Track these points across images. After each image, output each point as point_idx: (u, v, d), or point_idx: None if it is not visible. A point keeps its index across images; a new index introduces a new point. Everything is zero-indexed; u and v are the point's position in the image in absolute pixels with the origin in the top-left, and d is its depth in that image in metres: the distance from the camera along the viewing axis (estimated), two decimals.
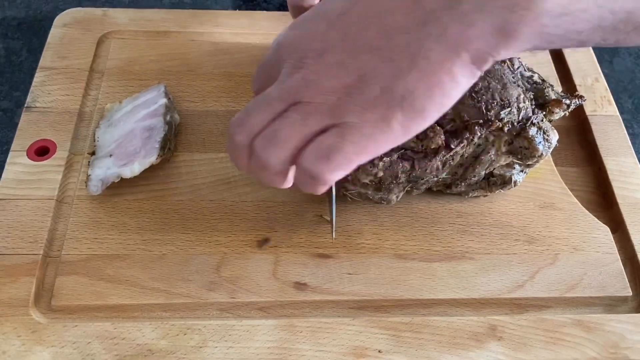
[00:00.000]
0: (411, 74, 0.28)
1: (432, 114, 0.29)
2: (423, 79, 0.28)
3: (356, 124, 0.29)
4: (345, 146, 0.29)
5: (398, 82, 0.28)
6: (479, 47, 0.27)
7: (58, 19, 0.58)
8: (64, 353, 0.39)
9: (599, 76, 0.58)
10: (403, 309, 0.43)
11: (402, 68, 0.28)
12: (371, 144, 0.29)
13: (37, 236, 0.44)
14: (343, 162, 0.30)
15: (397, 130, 0.29)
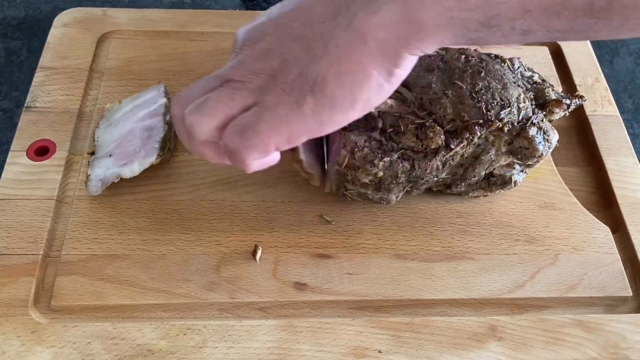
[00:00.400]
0: (323, 60, 0.29)
1: (344, 104, 0.30)
2: (333, 66, 0.29)
3: (273, 105, 0.31)
4: (259, 125, 0.31)
5: (312, 68, 0.29)
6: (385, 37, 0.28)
7: (58, 19, 0.58)
8: (63, 353, 0.39)
9: (599, 76, 0.58)
10: (403, 309, 0.43)
11: (316, 55, 0.29)
12: (284, 126, 0.31)
13: (37, 236, 0.44)
14: (256, 140, 0.31)
15: (308, 115, 0.30)
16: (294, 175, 0.49)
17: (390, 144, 0.42)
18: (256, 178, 0.49)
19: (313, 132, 0.31)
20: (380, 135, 0.42)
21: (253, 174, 0.49)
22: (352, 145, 0.41)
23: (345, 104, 0.30)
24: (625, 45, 0.68)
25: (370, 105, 0.31)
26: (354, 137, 0.42)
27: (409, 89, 0.44)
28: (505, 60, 0.46)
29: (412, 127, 0.42)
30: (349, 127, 0.42)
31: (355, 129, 0.42)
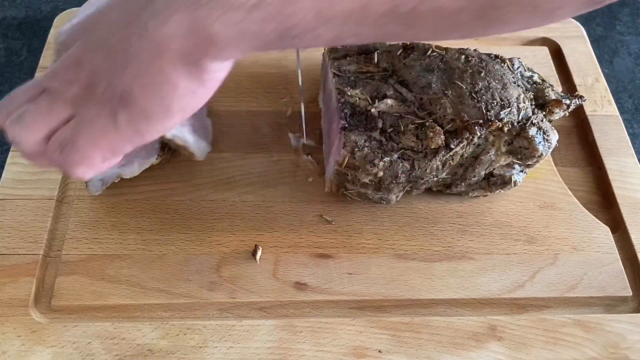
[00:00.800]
0: (126, 72, 0.27)
1: (158, 114, 0.28)
2: (137, 78, 0.27)
3: (89, 118, 0.29)
4: (78, 140, 0.29)
5: (118, 79, 0.28)
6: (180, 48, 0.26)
7: (58, 19, 0.58)
8: (64, 353, 0.39)
9: (599, 76, 0.58)
10: (403, 309, 0.43)
11: (119, 66, 0.28)
12: (103, 140, 0.29)
13: (37, 236, 0.44)
14: (77, 156, 0.30)
15: (126, 129, 0.29)
16: (294, 175, 0.49)
17: (390, 144, 0.42)
18: (256, 178, 0.49)
19: (135, 142, 0.30)
20: (380, 135, 0.42)
21: (254, 174, 0.49)
22: (352, 145, 0.41)
23: (159, 114, 0.28)
24: (625, 45, 0.68)
25: (190, 110, 0.29)
26: (354, 136, 0.42)
27: (409, 89, 0.44)
28: (505, 60, 0.46)
29: (412, 127, 0.42)
30: (349, 127, 0.42)
31: (356, 129, 0.42)
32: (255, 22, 0.25)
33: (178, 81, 0.27)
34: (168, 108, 0.28)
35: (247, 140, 0.51)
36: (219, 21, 0.25)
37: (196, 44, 0.26)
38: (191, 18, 0.25)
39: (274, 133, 0.52)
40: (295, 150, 0.51)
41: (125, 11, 0.28)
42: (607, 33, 0.69)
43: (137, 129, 0.29)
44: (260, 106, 0.54)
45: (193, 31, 0.26)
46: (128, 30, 0.27)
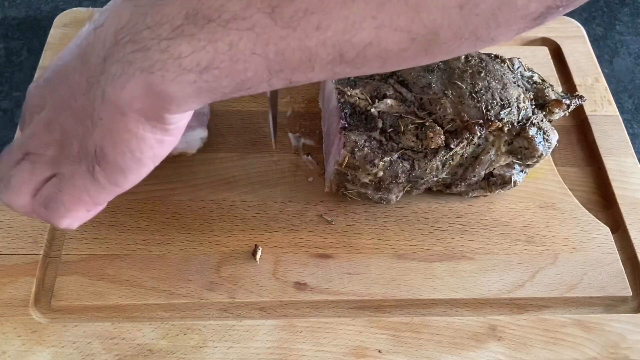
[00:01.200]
0: (95, 132, 0.29)
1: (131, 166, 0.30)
2: (106, 138, 0.28)
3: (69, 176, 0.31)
4: (60, 197, 0.31)
5: (88, 139, 0.29)
6: (141, 107, 0.27)
7: (58, 19, 0.58)
8: (64, 353, 0.39)
9: (599, 76, 0.58)
10: (403, 309, 0.43)
11: (87, 127, 0.29)
12: (85, 195, 0.31)
13: (38, 236, 0.44)
14: (62, 210, 0.32)
15: (104, 183, 0.30)
16: (294, 175, 0.49)
17: (390, 144, 0.42)
18: (256, 178, 0.49)
19: (114, 192, 0.31)
20: (380, 135, 0.42)
21: (254, 174, 0.49)
22: (352, 144, 0.41)
23: (132, 166, 0.30)
24: (625, 45, 0.68)
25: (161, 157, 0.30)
26: (354, 136, 0.42)
27: (408, 89, 0.44)
28: (505, 60, 0.46)
29: (412, 127, 0.42)
30: (349, 127, 0.42)
31: (356, 129, 0.42)
32: (208, 80, 0.26)
33: (144, 135, 0.28)
34: (140, 160, 0.29)
35: (247, 140, 0.51)
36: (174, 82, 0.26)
37: (156, 103, 0.27)
38: (146, 83, 0.26)
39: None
40: (295, 150, 0.51)
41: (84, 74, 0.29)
42: (607, 33, 0.69)
43: (115, 182, 0.30)
44: (260, 106, 0.54)
45: (150, 94, 0.27)
46: (90, 95, 0.28)
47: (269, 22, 0.25)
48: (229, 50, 0.25)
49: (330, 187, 0.46)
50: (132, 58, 0.26)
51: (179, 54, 0.25)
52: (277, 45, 0.25)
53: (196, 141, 0.45)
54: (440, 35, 0.25)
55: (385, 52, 0.26)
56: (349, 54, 0.26)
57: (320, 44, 0.25)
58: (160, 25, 0.26)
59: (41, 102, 0.31)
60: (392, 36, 0.25)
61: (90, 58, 0.28)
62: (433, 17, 0.24)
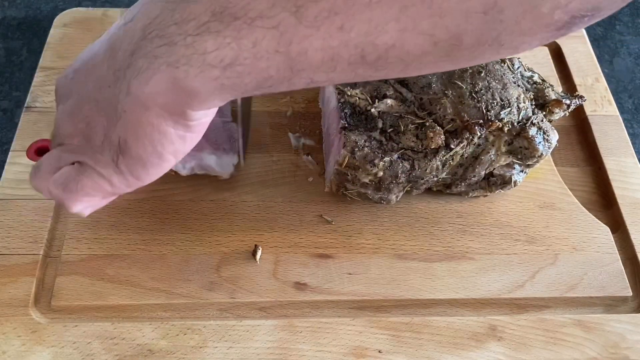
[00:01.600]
0: (119, 125, 0.29)
1: (153, 160, 0.30)
2: (129, 130, 0.29)
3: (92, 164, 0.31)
4: (82, 180, 0.32)
5: (112, 131, 0.30)
6: (164, 102, 0.28)
7: (58, 19, 0.58)
8: (64, 353, 0.39)
9: (599, 76, 0.58)
10: (403, 309, 0.43)
11: (112, 119, 0.30)
12: (106, 184, 0.32)
13: (38, 236, 0.44)
14: (80, 194, 0.32)
15: (126, 174, 0.31)
16: (294, 175, 0.49)
17: (390, 144, 0.42)
18: (256, 178, 0.49)
19: (135, 185, 0.32)
20: (381, 135, 0.42)
21: (254, 174, 0.49)
22: (353, 144, 0.41)
23: (154, 160, 0.30)
24: (625, 45, 0.68)
25: (182, 153, 0.31)
26: (354, 136, 0.42)
27: (409, 89, 0.44)
28: (505, 60, 0.46)
29: (412, 127, 0.42)
30: (349, 127, 0.42)
31: (356, 129, 0.42)
32: (231, 77, 0.27)
33: (167, 130, 0.29)
34: (161, 154, 0.30)
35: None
36: (198, 78, 0.27)
37: (179, 98, 0.28)
38: (171, 77, 0.27)
39: (274, 133, 0.52)
40: (295, 150, 0.51)
41: (112, 67, 0.29)
42: (607, 33, 0.69)
43: (136, 174, 0.31)
44: (260, 106, 0.54)
45: (174, 89, 0.27)
46: (115, 87, 0.29)
47: (293, 21, 0.25)
48: (253, 48, 0.26)
49: (330, 187, 0.46)
50: (158, 53, 0.27)
51: (204, 50, 0.26)
52: (300, 45, 0.26)
53: (229, 166, 0.46)
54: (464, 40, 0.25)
55: (408, 56, 0.26)
56: (371, 56, 0.26)
57: (342, 44, 0.25)
58: (187, 22, 0.26)
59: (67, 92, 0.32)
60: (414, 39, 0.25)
61: (118, 52, 0.29)
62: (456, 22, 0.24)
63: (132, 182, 0.32)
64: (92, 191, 0.32)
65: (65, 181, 0.32)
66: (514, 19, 0.25)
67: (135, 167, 0.31)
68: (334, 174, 0.44)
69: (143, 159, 0.30)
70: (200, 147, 0.44)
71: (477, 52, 0.26)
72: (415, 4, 0.24)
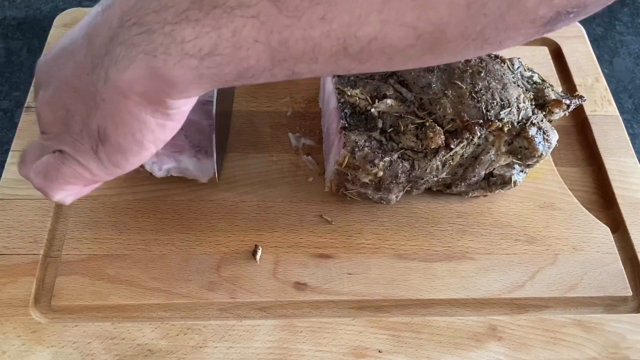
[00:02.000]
0: (98, 113, 0.29)
1: (132, 149, 0.30)
2: (108, 118, 0.29)
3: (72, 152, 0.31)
4: (62, 169, 0.32)
5: (91, 119, 0.29)
6: (143, 90, 0.27)
7: (58, 19, 0.58)
8: (64, 353, 0.39)
9: (599, 76, 0.58)
10: (403, 309, 0.43)
11: (90, 107, 0.29)
12: (86, 172, 0.31)
13: (37, 236, 0.44)
14: (61, 183, 0.32)
15: (105, 162, 0.31)
16: (294, 175, 0.49)
17: (390, 144, 0.42)
18: (256, 178, 0.49)
19: (115, 173, 0.32)
20: (381, 135, 0.42)
21: (254, 174, 0.49)
22: (353, 144, 0.41)
23: (133, 148, 0.30)
24: (625, 45, 0.68)
25: (162, 142, 0.31)
26: (354, 136, 0.42)
27: (408, 89, 0.44)
28: (505, 60, 0.46)
29: (412, 127, 0.42)
30: (349, 127, 0.42)
31: (356, 129, 0.42)
32: (210, 67, 0.26)
33: (146, 118, 0.29)
34: (141, 142, 0.30)
35: (247, 140, 0.51)
36: (176, 67, 0.26)
37: (157, 87, 0.27)
38: (149, 66, 0.26)
39: (274, 133, 0.52)
40: (295, 150, 0.51)
41: (90, 54, 0.29)
42: (607, 33, 0.69)
43: (116, 162, 0.31)
44: (260, 106, 0.54)
45: (152, 77, 0.27)
46: (93, 75, 0.28)
47: (274, 11, 0.25)
48: (232, 37, 0.25)
49: (330, 187, 0.46)
50: (136, 41, 0.26)
51: (182, 39, 0.26)
52: (280, 34, 0.25)
53: (209, 170, 0.45)
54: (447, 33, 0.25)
55: (390, 48, 0.26)
56: (353, 48, 0.26)
57: (324, 35, 0.25)
58: (166, 9, 0.26)
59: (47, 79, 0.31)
60: (397, 32, 0.25)
61: (96, 39, 0.28)
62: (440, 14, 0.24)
63: (112, 169, 0.31)
64: (72, 179, 0.32)
65: (46, 169, 0.32)
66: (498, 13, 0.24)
67: (114, 155, 0.30)
68: (334, 174, 0.44)
69: (123, 148, 0.30)
70: (181, 149, 0.44)
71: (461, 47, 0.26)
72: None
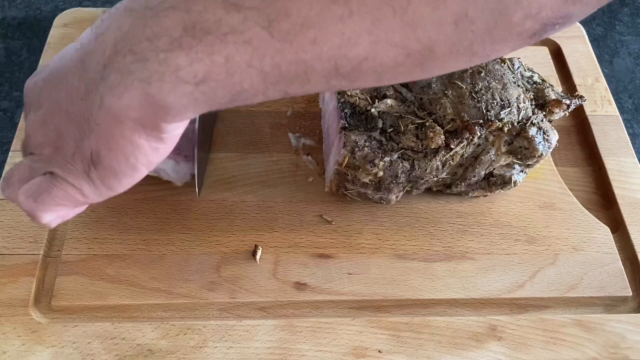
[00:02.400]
0: (91, 136, 0.29)
1: (125, 172, 0.30)
2: (102, 142, 0.29)
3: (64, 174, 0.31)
4: (53, 191, 0.32)
5: (84, 143, 0.30)
6: (138, 116, 0.28)
7: (58, 19, 0.58)
8: (64, 353, 0.39)
9: (599, 76, 0.58)
10: (403, 309, 0.43)
11: (84, 130, 0.29)
12: (78, 194, 0.31)
13: (37, 236, 0.44)
14: (52, 205, 0.32)
15: (98, 184, 0.31)
16: (294, 175, 0.49)
17: (391, 144, 0.42)
18: (256, 178, 0.49)
19: (104, 195, 0.32)
20: (381, 135, 0.42)
21: (254, 174, 0.49)
22: (353, 144, 0.41)
23: (127, 171, 0.30)
24: (625, 45, 0.68)
25: (154, 164, 0.31)
26: (354, 136, 0.42)
27: (409, 89, 0.44)
28: (505, 60, 0.46)
29: (412, 127, 0.42)
30: (349, 127, 0.42)
31: (356, 129, 0.42)
32: (205, 91, 0.27)
33: (140, 142, 0.29)
34: (134, 166, 0.30)
35: (247, 140, 0.51)
36: (171, 93, 0.26)
37: (152, 112, 0.28)
38: (144, 93, 0.27)
39: (274, 133, 0.52)
40: (295, 150, 0.51)
41: (83, 78, 0.29)
42: (607, 33, 0.69)
43: (108, 184, 0.31)
44: (260, 106, 0.54)
45: (147, 104, 0.27)
46: (88, 100, 0.29)
47: (265, 36, 0.25)
48: (226, 63, 0.26)
49: (330, 187, 0.46)
50: (131, 68, 0.27)
51: (177, 66, 0.26)
52: (273, 59, 0.26)
53: (185, 174, 0.45)
54: (436, 51, 0.26)
55: (381, 67, 0.26)
56: (345, 68, 0.26)
57: (316, 57, 0.26)
58: (159, 37, 0.26)
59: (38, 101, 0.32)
60: (387, 51, 0.25)
61: (90, 64, 0.28)
62: (428, 33, 0.25)
63: (104, 192, 0.32)
64: (63, 201, 0.32)
65: (37, 192, 0.32)
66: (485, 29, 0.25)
67: (107, 178, 0.30)
68: (334, 174, 0.44)
69: (116, 171, 0.30)
70: None
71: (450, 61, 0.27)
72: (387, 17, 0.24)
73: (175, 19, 0.26)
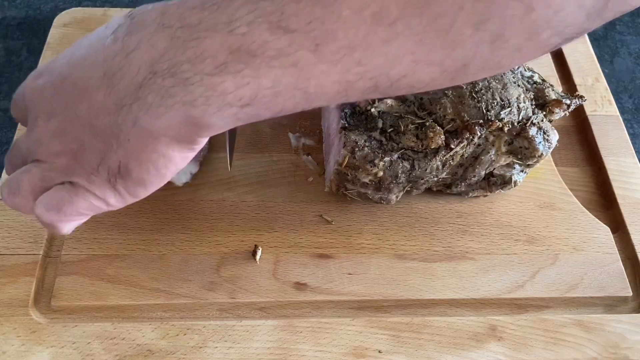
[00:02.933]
0: (119, 151, 0.29)
1: (154, 181, 0.30)
2: (132, 156, 0.29)
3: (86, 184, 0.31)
4: (77, 201, 0.31)
5: (111, 155, 0.29)
6: (175, 134, 0.28)
7: (58, 19, 0.58)
8: (64, 353, 0.39)
9: (599, 76, 0.58)
10: (403, 309, 0.43)
11: (111, 145, 0.29)
12: (102, 204, 0.31)
13: (37, 236, 0.44)
14: (75, 215, 0.32)
15: (124, 194, 0.31)
16: (294, 175, 0.49)
17: (391, 144, 0.42)
18: (256, 178, 0.49)
19: (128, 202, 0.32)
20: (381, 135, 0.42)
21: (254, 174, 0.49)
22: (353, 144, 0.41)
23: (156, 181, 0.30)
24: (625, 45, 0.68)
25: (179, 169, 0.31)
26: (354, 136, 0.42)
27: None
28: None
29: (412, 127, 0.42)
30: (349, 127, 0.42)
31: (356, 129, 0.42)
32: (249, 112, 0.27)
33: (172, 154, 0.29)
34: (164, 175, 0.30)
35: (247, 140, 0.51)
36: (215, 115, 0.27)
37: (192, 131, 0.28)
38: (186, 115, 0.27)
39: (274, 133, 0.52)
40: (295, 150, 0.51)
41: (112, 96, 0.28)
42: (607, 33, 0.69)
43: (134, 193, 0.31)
44: None
45: (188, 124, 0.27)
46: (118, 117, 0.28)
47: (312, 59, 0.25)
48: (272, 87, 0.26)
49: (330, 187, 0.46)
50: (172, 92, 0.26)
51: (223, 90, 0.26)
52: (317, 80, 0.26)
53: (185, 174, 0.45)
54: (470, 67, 0.26)
55: (417, 83, 0.27)
56: (384, 85, 0.27)
57: (358, 77, 0.26)
58: (202, 60, 0.26)
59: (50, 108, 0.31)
60: (426, 69, 0.26)
61: (121, 82, 0.28)
62: (466, 52, 0.25)
63: (129, 200, 0.31)
64: (87, 211, 0.32)
65: (59, 204, 0.31)
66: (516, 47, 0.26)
67: (134, 187, 0.30)
68: (334, 174, 0.44)
69: (144, 181, 0.30)
70: None
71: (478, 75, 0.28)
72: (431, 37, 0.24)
73: (218, 41, 0.25)
